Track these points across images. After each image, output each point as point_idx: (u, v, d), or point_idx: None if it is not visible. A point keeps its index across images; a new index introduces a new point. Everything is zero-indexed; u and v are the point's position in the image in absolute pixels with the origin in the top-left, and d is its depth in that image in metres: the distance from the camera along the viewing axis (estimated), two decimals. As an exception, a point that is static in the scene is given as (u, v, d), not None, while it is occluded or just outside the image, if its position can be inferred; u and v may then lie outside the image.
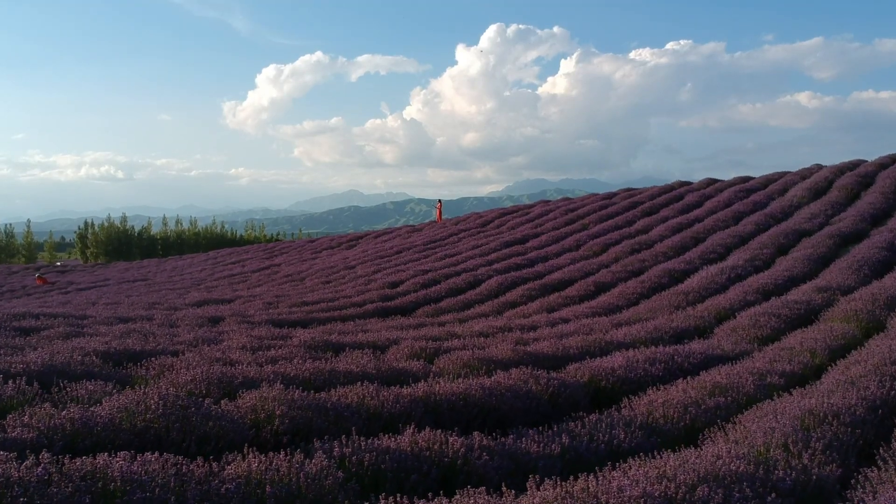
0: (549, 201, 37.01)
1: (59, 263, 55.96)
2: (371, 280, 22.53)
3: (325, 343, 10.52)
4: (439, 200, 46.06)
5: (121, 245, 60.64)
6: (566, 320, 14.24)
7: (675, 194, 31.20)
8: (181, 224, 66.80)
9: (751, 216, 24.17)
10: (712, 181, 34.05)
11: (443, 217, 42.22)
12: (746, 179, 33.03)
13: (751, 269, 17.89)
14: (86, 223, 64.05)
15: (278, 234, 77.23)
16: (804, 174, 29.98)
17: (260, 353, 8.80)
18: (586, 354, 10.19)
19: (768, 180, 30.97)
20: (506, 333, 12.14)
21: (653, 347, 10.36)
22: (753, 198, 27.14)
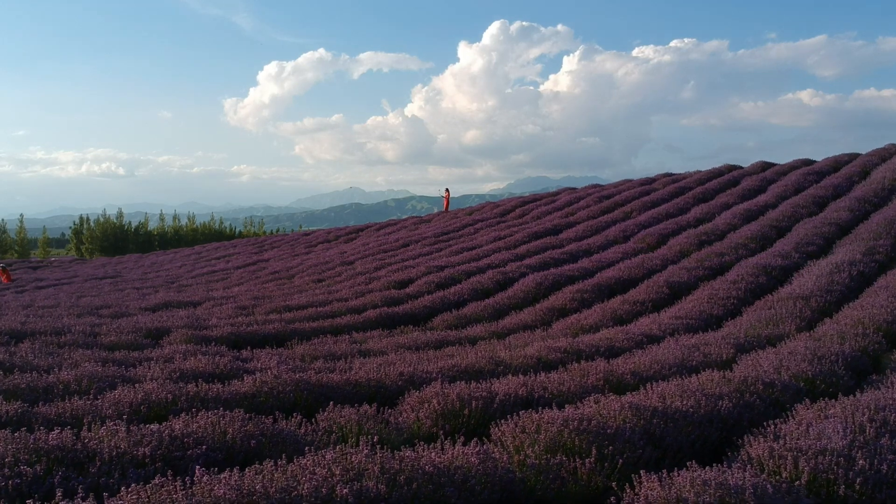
0: (576, 189, 32.61)
1: (52, 259, 53.62)
2: (373, 278, 18.23)
3: (296, 385, 6.22)
4: (447, 189, 41.58)
5: (116, 241, 58.43)
6: (655, 338, 9.93)
7: (729, 178, 26.82)
8: (178, 220, 64.20)
9: (837, 201, 19.83)
10: (768, 164, 29.68)
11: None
12: (809, 162, 28.69)
13: (873, 265, 13.57)
14: (81, 219, 61.96)
15: (278, 230, 73.62)
16: (882, 155, 25.62)
17: (157, 424, 4.50)
18: (749, 412, 5.90)
19: (838, 162, 26.60)
20: (581, 363, 7.84)
21: (853, 397, 6.06)
22: (829, 181, 22.77)
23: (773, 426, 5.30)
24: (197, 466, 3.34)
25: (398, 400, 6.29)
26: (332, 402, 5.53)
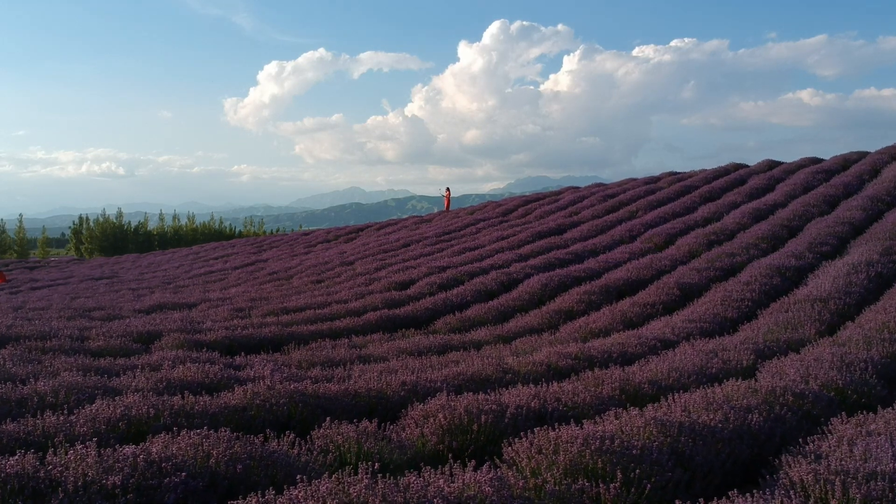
0: (579, 188, 32.14)
1: (51, 259, 53.54)
2: (373, 279, 17.78)
3: (291, 396, 5.77)
4: (447, 188, 41.04)
5: (116, 241, 58.09)
6: (669, 343, 9.47)
7: (735, 177, 26.35)
8: (178, 220, 63.76)
9: (849, 200, 19.37)
10: (774, 163, 29.23)
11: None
12: (817, 160, 28.24)
13: (892, 265, 13.11)
14: (80, 218, 61.59)
15: (278, 230, 73.18)
16: (892, 153, 25.12)
17: (134, 446, 4.04)
18: (781, 426, 5.45)
19: (847, 160, 26.15)
20: (595, 371, 7.39)
21: (893, 410, 5.61)
22: (839, 180, 22.32)
23: (811, 444, 4.86)
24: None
25: (400, 413, 5.84)
26: (329, 418, 5.07)
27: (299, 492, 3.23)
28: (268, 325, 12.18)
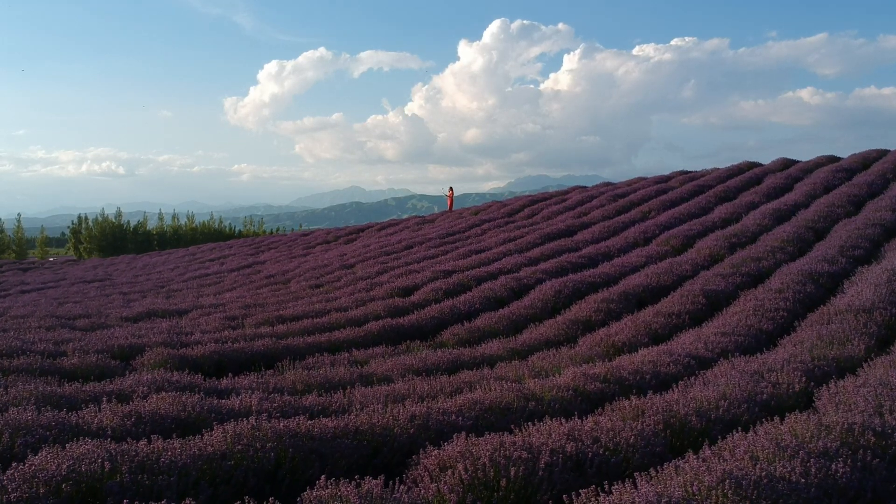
0: (587, 187, 31.18)
1: (50, 259, 52.85)
2: (374, 284, 16.86)
3: (279, 438, 4.83)
4: (450, 188, 40.03)
5: (115, 240, 57.29)
6: (704, 360, 8.53)
7: (750, 176, 25.39)
8: (177, 220, 62.85)
9: (875, 200, 18.43)
10: (789, 161, 28.27)
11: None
12: (835, 159, 27.30)
13: (933, 271, 12.16)
14: (79, 218, 60.84)
15: (278, 230, 72.24)
16: (915, 150, 24.26)
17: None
18: (871, 478, 4.52)
19: (866, 158, 25.20)
20: (631, 399, 6.45)
21: None
22: (861, 179, 21.37)
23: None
24: None
25: (410, 460, 4.91)
26: (324, 476, 4.12)
27: None
28: (261, 336, 11.26)
